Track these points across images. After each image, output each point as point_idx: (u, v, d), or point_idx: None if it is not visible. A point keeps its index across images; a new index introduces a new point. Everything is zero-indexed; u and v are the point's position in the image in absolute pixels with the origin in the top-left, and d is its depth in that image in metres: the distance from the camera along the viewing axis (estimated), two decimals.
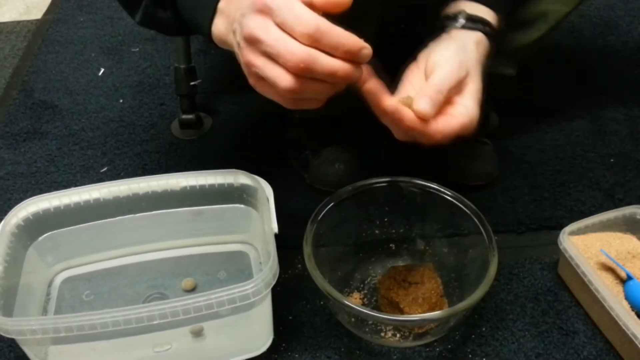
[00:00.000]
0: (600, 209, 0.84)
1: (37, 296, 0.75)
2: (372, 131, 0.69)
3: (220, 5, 0.58)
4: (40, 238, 0.75)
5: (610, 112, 1.05)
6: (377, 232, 0.80)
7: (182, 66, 1.00)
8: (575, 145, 0.98)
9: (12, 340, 0.69)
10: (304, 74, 0.49)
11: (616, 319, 0.68)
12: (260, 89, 0.55)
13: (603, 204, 0.89)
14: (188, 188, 0.77)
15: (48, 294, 0.77)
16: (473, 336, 0.73)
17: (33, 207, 0.73)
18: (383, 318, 0.66)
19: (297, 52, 0.48)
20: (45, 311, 0.75)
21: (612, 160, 0.96)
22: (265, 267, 0.62)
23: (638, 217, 0.78)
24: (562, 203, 0.89)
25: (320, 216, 0.73)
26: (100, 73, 1.18)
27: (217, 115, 1.07)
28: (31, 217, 0.73)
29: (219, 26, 0.58)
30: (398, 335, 0.70)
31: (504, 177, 0.92)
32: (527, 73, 0.96)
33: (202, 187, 0.77)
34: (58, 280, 0.79)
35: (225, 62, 1.19)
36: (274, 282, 0.63)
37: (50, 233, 0.76)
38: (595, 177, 0.93)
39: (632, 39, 1.21)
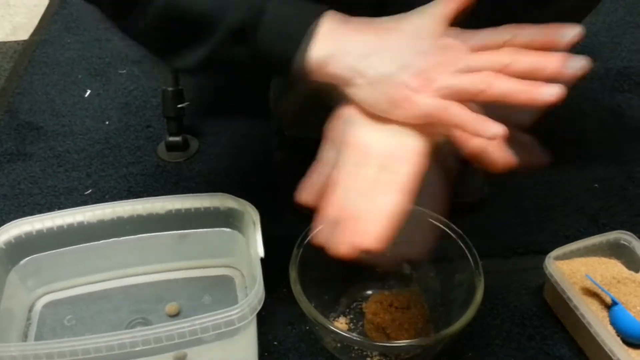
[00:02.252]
0: (585, 234, 0.84)
1: (18, 321, 0.74)
2: None
3: (322, 34, 0.53)
4: (21, 262, 0.74)
5: (594, 138, 1.06)
6: (363, 255, 0.80)
7: (170, 88, 1.00)
8: (560, 170, 0.99)
9: None
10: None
11: (602, 344, 0.68)
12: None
13: (587, 228, 0.89)
14: (173, 211, 0.76)
15: (29, 319, 0.76)
16: None
17: (15, 230, 0.72)
18: (369, 344, 0.66)
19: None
20: (25, 336, 0.74)
21: (596, 185, 0.97)
22: (251, 292, 0.62)
23: (622, 242, 0.79)
24: (547, 227, 0.89)
25: (307, 240, 0.72)
26: (86, 95, 1.18)
27: (204, 138, 1.07)
28: (13, 241, 0.72)
29: (320, 53, 0.52)
30: None
31: (490, 200, 0.93)
32: None
33: (187, 210, 0.76)
34: (39, 305, 0.77)
35: (213, 85, 1.19)
36: (259, 308, 0.63)
37: (32, 257, 0.75)
38: (580, 202, 0.94)
39: (615, 65, 1.23)
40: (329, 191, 0.55)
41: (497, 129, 0.50)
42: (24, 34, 1.38)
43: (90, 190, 0.97)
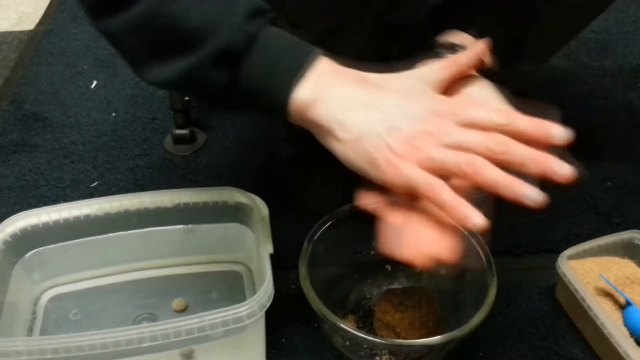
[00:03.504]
0: (597, 233, 0.83)
1: (23, 315, 0.73)
2: None
3: (312, 76, 0.51)
4: (27, 255, 0.74)
5: (606, 135, 1.05)
6: (373, 253, 0.78)
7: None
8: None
9: None
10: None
11: (615, 345, 0.67)
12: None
13: (600, 227, 0.88)
14: (181, 205, 0.75)
15: (34, 313, 0.75)
16: None
17: (21, 223, 0.72)
18: (378, 342, 0.65)
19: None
20: (30, 330, 0.73)
21: (609, 183, 0.95)
22: (260, 289, 0.61)
23: (636, 242, 0.78)
24: (559, 226, 0.88)
25: (317, 236, 0.71)
26: (92, 86, 1.17)
27: (211, 131, 1.06)
28: (19, 233, 0.71)
29: (306, 94, 0.51)
30: (393, 359, 0.69)
31: (500, 199, 0.91)
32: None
33: (195, 204, 0.75)
34: (45, 299, 0.77)
35: None
36: (268, 304, 0.62)
37: (37, 250, 0.74)
38: (592, 200, 0.93)
39: (628, 62, 1.21)
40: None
41: (479, 221, 0.49)
42: (29, 24, 1.37)
43: (96, 183, 0.96)
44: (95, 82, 1.18)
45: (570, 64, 1.21)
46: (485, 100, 0.57)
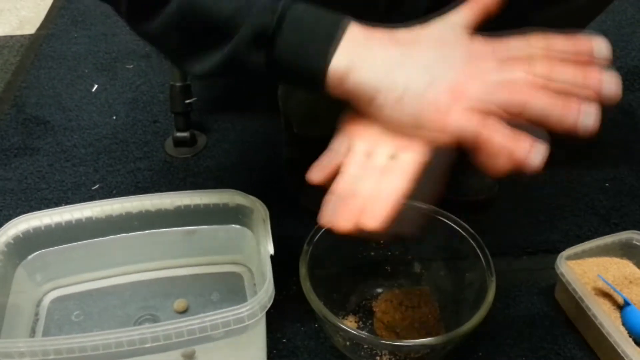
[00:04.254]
0: (596, 234, 0.84)
1: (26, 317, 0.73)
2: None
3: (344, 44, 0.50)
4: (29, 257, 0.74)
5: (604, 137, 1.05)
6: (373, 254, 0.79)
7: (178, 84, 1.00)
8: (570, 169, 0.98)
9: None
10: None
11: (614, 345, 0.67)
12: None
13: (599, 228, 0.89)
14: (182, 207, 0.76)
15: (37, 314, 0.75)
16: None
17: (23, 225, 0.72)
18: (379, 342, 0.65)
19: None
20: (33, 332, 0.73)
21: (607, 184, 0.96)
22: (261, 290, 0.61)
23: (635, 242, 0.78)
24: (558, 227, 0.89)
25: (317, 237, 0.72)
26: (93, 89, 1.17)
27: (212, 134, 1.06)
28: (21, 236, 0.72)
29: (342, 63, 0.50)
30: (393, 359, 0.69)
31: (500, 200, 0.92)
32: None
33: (196, 206, 0.76)
34: (47, 300, 0.77)
35: (221, 80, 1.18)
36: (269, 305, 0.62)
37: (39, 252, 0.74)
38: (591, 201, 0.93)
39: (626, 64, 1.22)
40: (339, 174, 0.54)
41: (540, 155, 0.48)
42: (30, 28, 1.38)
43: (97, 186, 0.96)
44: (96, 86, 1.18)
45: None
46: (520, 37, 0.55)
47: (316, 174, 0.56)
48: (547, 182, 0.96)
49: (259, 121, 1.08)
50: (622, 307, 0.74)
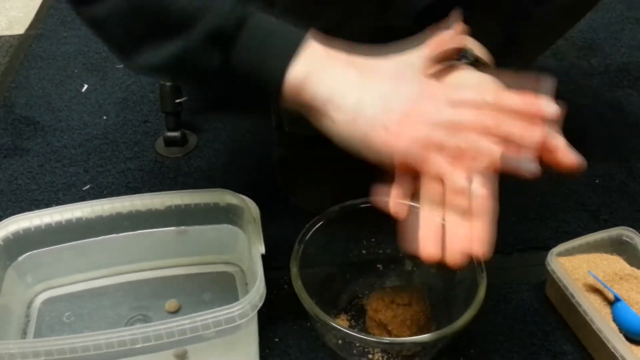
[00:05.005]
0: (586, 230, 0.84)
1: (16, 318, 0.73)
2: None
3: (303, 56, 0.51)
4: (20, 258, 0.74)
5: (594, 133, 1.06)
6: (364, 252, 0.79)
7: (168, 83, 1.00)
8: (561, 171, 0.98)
9: None
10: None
11: (604, 340, 0.67)
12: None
13: (589, 225, 0.89)
14: (173, 207, 0.75)
15: (27, 316, 0.75)
16: (461, 358, 0.73)
17: (13, 226, 0.72)
18: (370, 341, 0.65)
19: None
20: (24, 333, 0.73)
21: (597, 181, 0.96)
22: (252, 289, 0.61)
23: (625, 238, 0.79)
24: (549, 224, 0.89)
25: (308, 236, 0.72)
26: (83, 89, 1.17)
27: (203, 133, 1.06)
28: (11, 237, 0.72)
29: (299, 75, 0.51)
30: (386, 357, 0.69)
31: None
32: None
33: (187, 206, 0.76)
34: (38, 302, 0.77)
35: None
36: (260, 304, 0.62)
37: (30, 253, 0.74)
38: (581, 198, 0.93)
39: (615, 60, 1.23)
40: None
41: (483, 191, 0.51)
42: (19, 28, 1.37)
43: (88, 186, 0.96)
44: (86, 86, 1.18)
45: (558, 64, 1.22)
46: (476, 84, 0.57)
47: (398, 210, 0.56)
48: (537, 178, 0.96)
49: (250, 120, 1.08)
50: (612, 303, 0.74)
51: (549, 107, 0.51)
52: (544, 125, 0.51)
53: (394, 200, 0.55)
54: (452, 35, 0.57)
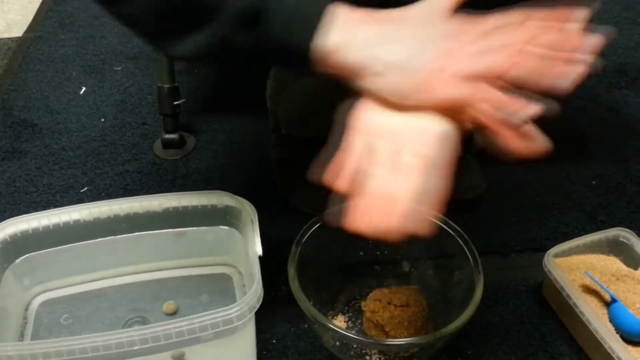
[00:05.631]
0: (583, 231, 0.85)
1: (14, 320, 0.73)
2: None
3: (332, 21, 0.51)
4: (17, 260, 0.74)
5: (591, 135, 1.06)
6: (361, 254, 0.79)
7: (166, 85, 1.00)
8: (558, 167, 0.99)
9: None
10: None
11: (601, 341, 0.68)
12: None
13: (586, 226, 0.89)
14: (170, 209, 0.76)
15: (25, 318, 0.75)
16: (459, 359, 0.73)
17: (11, 229, 0.72)
18: (368, 342, 0.66)
19: None
20: (22, 336, 0.73)
21: (594, 182, 0.97)
22: (250, 291, 0.61)
23: (621, 239, 0.79)
24: (546, 225, 0.89)
25: (305, 238, 0.72)
26: (81, 92, 1.17)
27: (201, 135, 1.06)
28: (9, 239, 0.72)
29: (330, 39, 0.51)
30: (383, 358, 0.69)
31: (488, 198, 0.92)
32: None
33: (185, 208, 0.76)
34: (35, 304, 0.77)
35: (209, 82, 1.18)
36: (258, 306, 0.62)
37: (28, 255, 0.74)
38: (578, 199, 0.94)
39: (612, 62, 1.23)
40: (349, 173, 0.54)
41: (533, 109, 0.49)
42: (18, 31, 1.37)
43: (86, 188, 0.96)
44: (84, 88, 1.18)
45: None
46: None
47: (327, 173, 0.56)
48: (535, 180, 0.97)
49: (248, 122, 1.08)
50: (609, 304, 0.74)
51: (579, 12, 0.50)
52: (579, 34, 0.50)
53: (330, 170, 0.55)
54: None
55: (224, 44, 0.52)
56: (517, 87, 0.50)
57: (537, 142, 0.52)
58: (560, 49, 0.50)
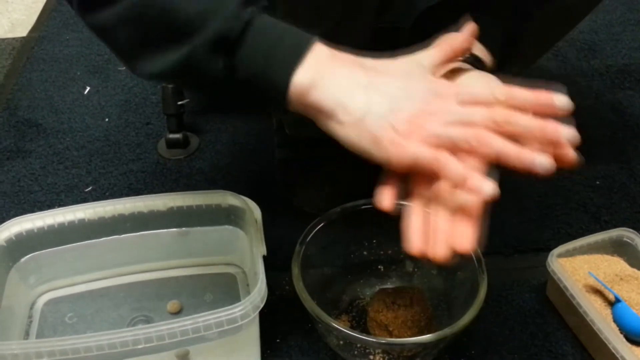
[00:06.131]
0: (587, 231, 0.85)
1: (19, 319, 0.73)
2: None
3: (310, 60, 0.50)
4: (22, 259, 0.74)
5: (595, 135, 1.06)
6: (365, 253, 0.80)
7: (170, 85, 1.00)
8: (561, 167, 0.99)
9: None
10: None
11: (605, 341, 0.67)
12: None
13: (589, 226, 0.89)
14: (175, 209, 0.76)
15: (30, 317, 0.75)
16: (462, 359, 0.73)
17: (16, 228, 0.72)
18: (372, 341, 0.66)
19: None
20: (27, 334, 0.73)
21: (597, 182, 0.97)
22: (254, 290, 0.62)
23: (625, 239, 0.79)
24: (549, 225, 0.89)
25: (309, 238, 0.72)
26: (85, 92, 1.17)
27: (204, 135, 1.06)
28: (14, 238, 0.72)
29: (305, 78, 0.50)
30: (387, 358, 0.69)
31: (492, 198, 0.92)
32: None
33: (189, 207, 0.76)
34: (40, 303, 0.77)
35: None
36: (262, 305, 0.62)
37: (33, 254, 0.74)
38: (582, 199, 0.94)
39: (616, 62, 1.23)
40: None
41: (489, 189, 0.50)
42: (22, 31, 1.38)
43: (90, 188, 0.96)
44: (88, 88, 1.18)
45: (559, 65, 1.22)
46: (483, 84, 0.57)
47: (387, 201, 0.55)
48: (538, 180, 0.96)
49: (252, 122, 1.08)
50: (613, 304, 0.74)
51: (560, 100, 0.51)
52: (556, 120, 0.50)
53: (384, 197, 0.55)
54: (464, 35, 0.56)
55: (195, 67, 0.51)
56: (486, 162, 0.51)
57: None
58: (535, 135, 0.50)
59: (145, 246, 0.78)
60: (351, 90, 0.51)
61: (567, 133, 0.50)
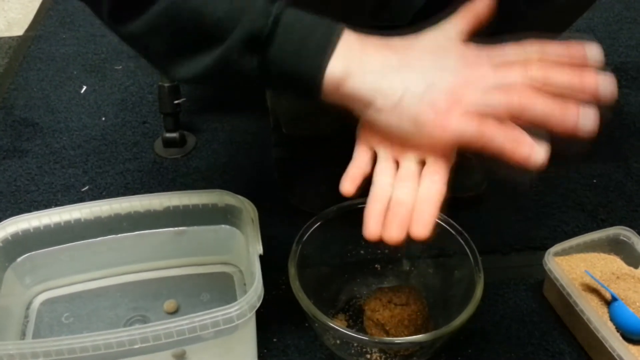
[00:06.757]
0: (584, 230, 0.85)
1: (15, 319, 0.73)
2: None
3: (341, 49, 0.50)
4: (18, 259, 0.74)
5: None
6: (362, 252, 0.80)
7: (166, 84, 1.00)
8: (558, 166, 0.99)
9: None
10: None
11: (602, 340, 0.68)
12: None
13: (586, 224, 0.89)
14: (171, 208, 0.76)
15: (26, 317, 0.75)
16: (459, 358, 0.73)
17: (12, 228, 0.72)
18: (368, 340, 0.66)
19: None
20: (23, 334, 0.73)
21: (594, 181, 0.97)
22: (250, 290, 0.62)
23: (622, 238, 0.79)
24: (546, 223, 0.89)
25: (305, 237, 0.72)
26: (82, 91, 1.17)
27: (201, 134, 1.06)
28: (10, 238, 0.72)
29: (338, 68, 0.50)
30: (384, 357, 0.69)
31: (488, 197, 0.92)
32: None
33: (185, 207, 0.76)
34: (37, 303, 0.77)
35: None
36: (258, 305, 0.62)
37: (29, 254, 0.74)
38: (579, 197, 0.94)
39: (613, 60, 1.23)
40: (372, 185, 0.54)
41: (542, 155, 0.49)
42: (18, 30, 1.37)
43: (87, 187, 0.96)
44: (84, 87, 1.18)
45: None
46: (513, 45, 0.55)
47: (347, 185, 0.55)
48: (535, 179, 0.97)
49: (248, 121, 1.08)
50: (609, 302, 0.74)
51: (592, 50, 0.50)
52: (594, 72, 0.49)
53: (347, 182, 0.55)
54: (485, 1, 0.55)
55: (229, 68, 0.51)
56: (533, 126, 0.50)
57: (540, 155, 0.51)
58: (577, 88, 0.49)
59: (141, 246, 0.78)
60: (385, 74, 0.50)
61: (605, 82, 0.49)
